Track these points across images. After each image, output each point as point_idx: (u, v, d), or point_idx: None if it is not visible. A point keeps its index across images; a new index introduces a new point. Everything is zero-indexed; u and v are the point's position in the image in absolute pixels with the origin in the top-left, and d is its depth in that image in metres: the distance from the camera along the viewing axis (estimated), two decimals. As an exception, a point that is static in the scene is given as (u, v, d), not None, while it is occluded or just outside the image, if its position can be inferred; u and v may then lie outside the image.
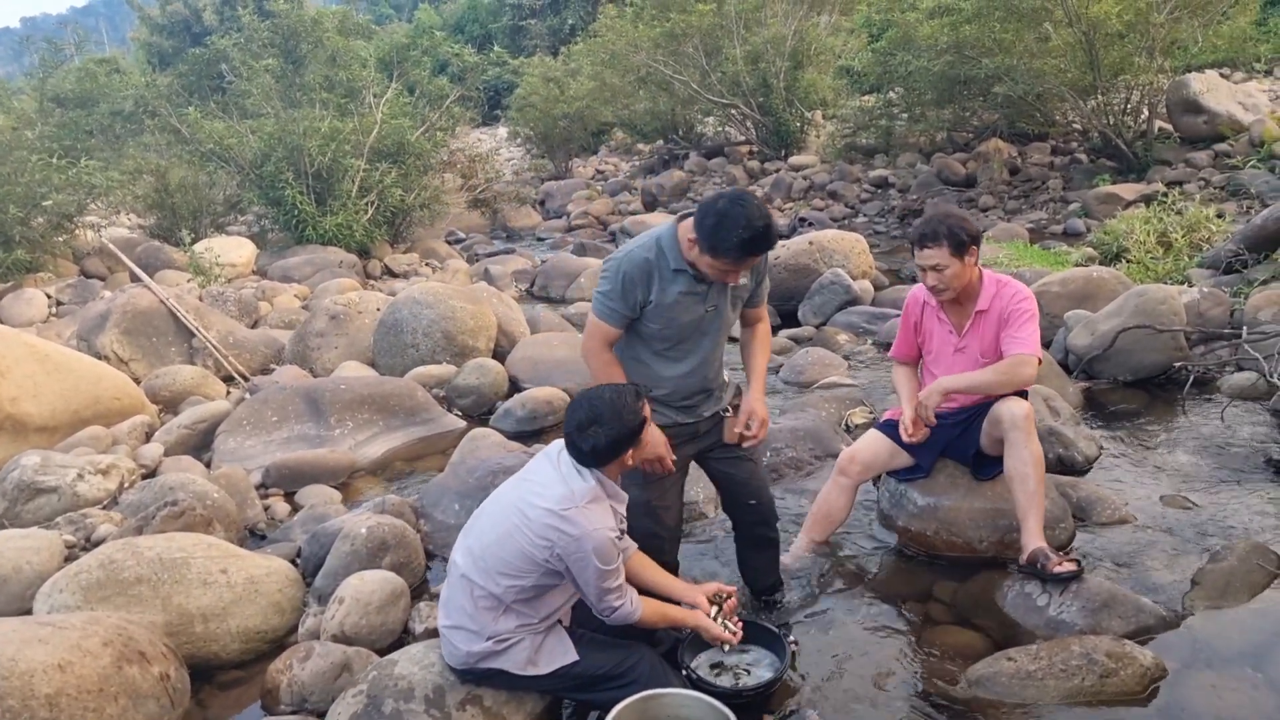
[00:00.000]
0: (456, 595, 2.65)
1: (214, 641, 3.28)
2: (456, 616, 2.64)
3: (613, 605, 2.58)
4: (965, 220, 3.31)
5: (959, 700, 2.80)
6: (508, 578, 2.55)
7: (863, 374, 6.06)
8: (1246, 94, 12.46)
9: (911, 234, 3.43)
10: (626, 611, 2.61)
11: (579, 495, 2.51)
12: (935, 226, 3.27)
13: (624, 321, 2.84)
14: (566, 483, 2.54)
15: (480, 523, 2.71)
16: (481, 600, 2.58)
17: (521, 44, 32.72)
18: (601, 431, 2.49)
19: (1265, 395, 4.82)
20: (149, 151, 13.00)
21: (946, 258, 3.25)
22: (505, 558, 2.55)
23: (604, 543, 2.47)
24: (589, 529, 2.46)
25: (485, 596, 2.58)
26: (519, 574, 2.54)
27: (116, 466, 4.69)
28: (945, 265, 3.26)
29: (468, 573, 2.61)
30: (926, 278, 3.33)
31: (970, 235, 3.27)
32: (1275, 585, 3.16)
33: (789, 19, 16.48)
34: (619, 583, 2.57)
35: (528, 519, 2.53)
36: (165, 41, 26.28)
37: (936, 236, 3.25)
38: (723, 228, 2.60)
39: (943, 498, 3.59)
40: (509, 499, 2.66)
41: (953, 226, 3.25)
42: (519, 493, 2.63)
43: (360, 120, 12.17)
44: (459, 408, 6.00)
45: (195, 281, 9.22)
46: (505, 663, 2.60)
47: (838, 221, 12.76)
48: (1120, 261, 7.63)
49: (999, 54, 11.70)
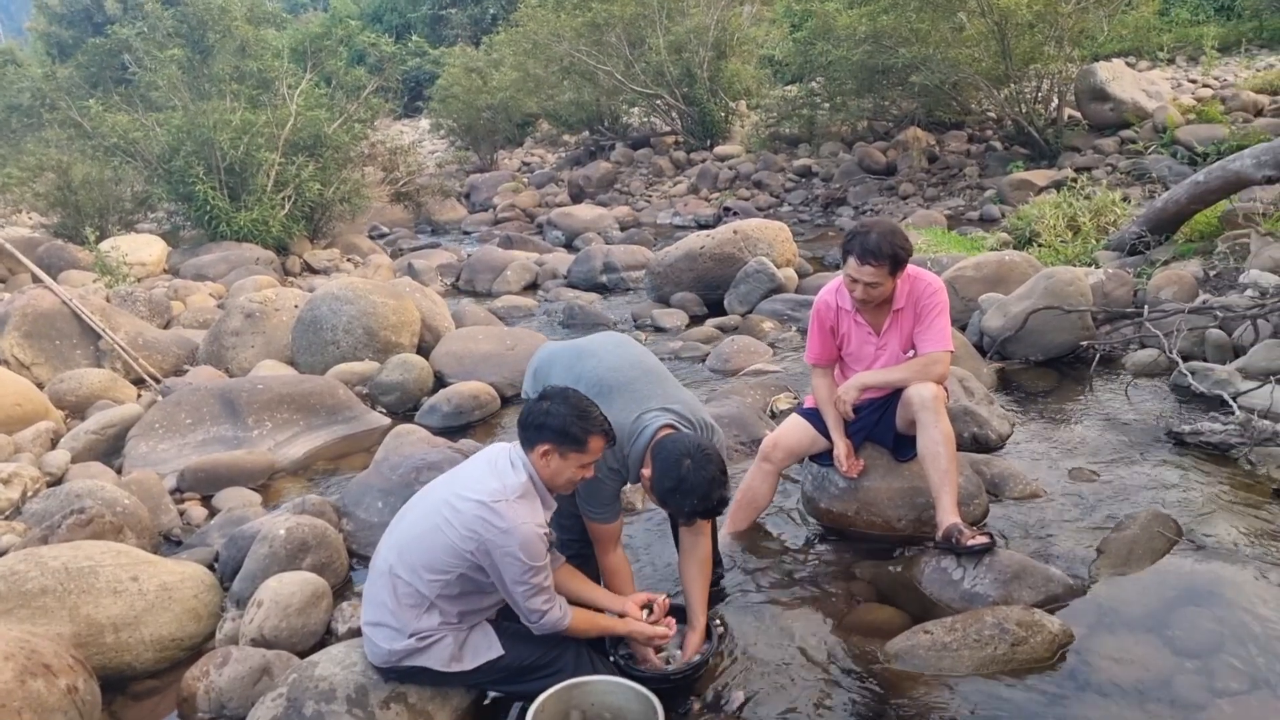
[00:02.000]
0: (379, 592, 2.61)
1: (126, 651, 3.17)
2: (378, 613, 2.60)
3: (540, 609, 2.54)
4: (905, 239, 3.31)
5: (879, 674, 2.87)
6: (432, 573, 2.52)
7: (787, 361, 6.15)
8: (1150, 82, 12.96)
9: (850, 245, 3.29)
10: (555, 618, 2.58)
11: (510, 489, 2.49)
12: (879, 245, 3.21)
13: (620, 512, 2.98)
14: (499, 477, 2.53)
15: (407, 517, 2.68)
16: (405, 597, 2.55)
17: (442, 34, 32.16)
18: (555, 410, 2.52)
19: (1166, 371, 5.04)
20: (49, 147, 12.40)
21: (885, 276, 3.28)
22: (431, 552, 2.52)
23: (531, 537, 2.45)
24: (517, 522, 2.45)
25: (410, 593, 2.54)
26: (444, 569, 2.52)
27: (19, 475, 4.49)
28: (880, 283, 3.29)
29: (394, 567, 2.58)
30: (856, 289, 3.33)
31: (908, 254, 3.30)
32: (1175, 552, 3.31)
33: (711, 9, 16.55)
34: (547, 584, 2.54)
35: (456, 510, 2.50)
36: (64, 31, 25.11)
37: (880, 255, 3.21)
38: (680, 493, 2.65)
39: (863, 479, 3.67)
40: (438, 494, 2.63)
41: (897, 247, 3.23)
42: (449, 487, 2.61)
43: (274, 112, 11.82)
44: (383, 405, 5.90)
45: (102, 281, 8.86)
46: (429, 660, 2.57)
47: (763, 210, 12.89)
48: (1032, 245, 7.88)
49: (915, 44, 11.94)
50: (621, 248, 9.94)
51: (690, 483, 2.62)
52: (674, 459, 2.64)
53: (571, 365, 3.06)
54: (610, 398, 2.85)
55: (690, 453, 2.65)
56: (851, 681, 2.86)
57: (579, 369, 3.02)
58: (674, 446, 2.68)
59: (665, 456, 2.66)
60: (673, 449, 2.67)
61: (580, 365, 3.04)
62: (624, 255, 9.54)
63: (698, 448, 2.68)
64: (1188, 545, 3.35)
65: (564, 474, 2.57)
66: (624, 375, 2.97)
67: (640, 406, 2.85)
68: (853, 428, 3.64)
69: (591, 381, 2.93)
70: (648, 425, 2.79)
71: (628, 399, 2.87)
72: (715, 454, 2.72)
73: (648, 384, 2.96)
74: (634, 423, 2.81)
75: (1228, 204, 6.78)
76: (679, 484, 2.63)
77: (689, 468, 2.62)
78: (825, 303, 3.58)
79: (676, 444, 2.69)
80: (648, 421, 2.80)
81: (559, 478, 2.58)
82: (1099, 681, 2.73)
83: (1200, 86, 14.13)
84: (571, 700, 2.52)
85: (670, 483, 2.64)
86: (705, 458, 2.66)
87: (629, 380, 2.95)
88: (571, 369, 3.03)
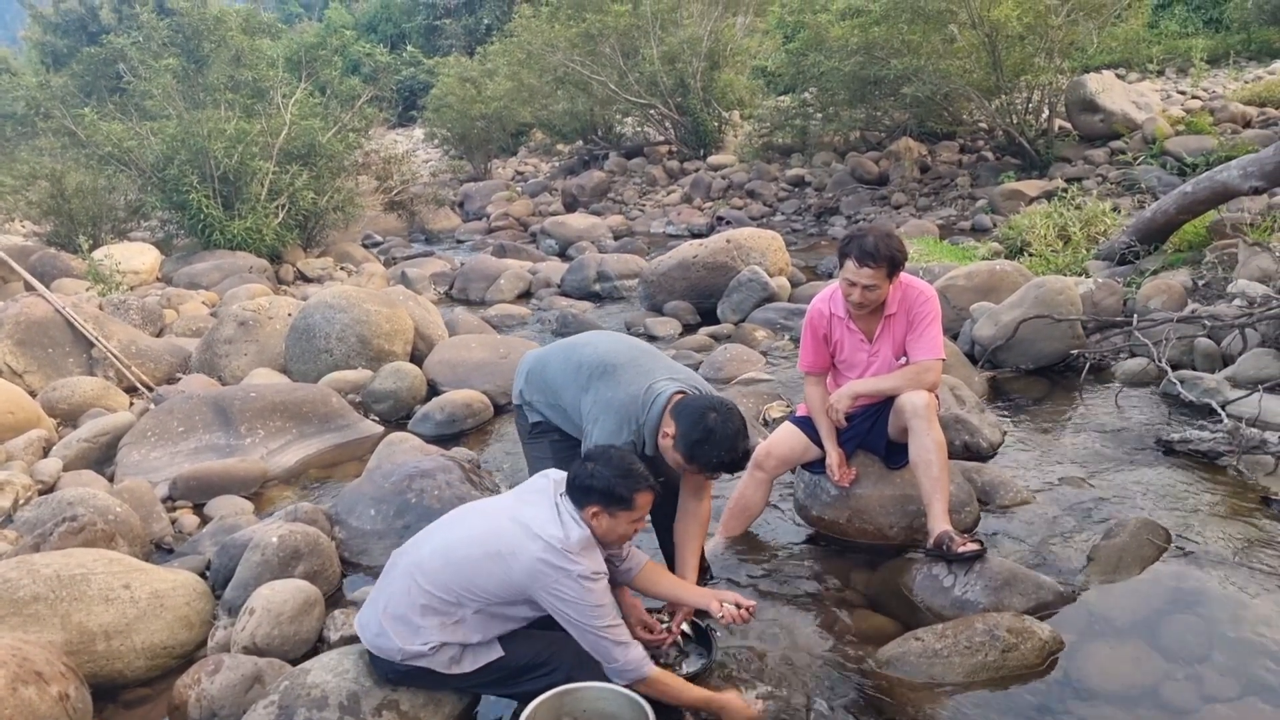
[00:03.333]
0: (400, 589, 2.59)
1: (118, 659, 3.16)
2: (399, 607, 2.58)
3: (614, 656, 2.50)
4: (901, 243, 3.34)
5: (871, 681, 2.88)
6: (472, 594, 2.52)
7: (780, 369, 6.17)
8: (1139, 93, 13.05)
9: (848, 248, 3.30)
10: (634, 659, 2.52)
11: (573, 541, 2.50)
12: (877, 247, 3.23)
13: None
14: (564, 527, 2.53)
15: (457, 531, 2.65)
16: (437, 604, 2.54)
17: (436, 44, 32.26)
18: (599, 473, 2.54)
19: (1155, 380, 5.07)
20: (43, 155, 12.40)
21: (882, 279, 3.30)
22: (479, 576, 2.52)
23: (595, 584, 2.48)
24: (587, 569, 2.47)
25: (442, 603, 2.54)
26: (487, 596, 2.53)
27: (10, 483, 4.49)
28: (878, 286, 3.32)
29: (423, 572, 2.56)
30: (853, 293, 3.35)
31: (905, 257, 3.34)
32: (1165, 559, 3.33)
33: (705, 20, 16.64)
34: (617, 624, 2.55)
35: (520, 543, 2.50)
36: (59, 40, 25.14)
37: (878, 258, 3.23)
38: (709, 443, 2.70)
39: (855, 487, 3.68)
40: (499, 520, 2.60)
41: (894, 250, 3.26)
42: (513, 517, 2.59)
43: (268, 121, 11.85)
44: (376, 413, 5.90)
45: (95, 290, 8.85)
46: (431, 662, 2.58)
47: (756, 220, 12.94)
48: (1023, 255, 7.93)
49: (907, 55, 12.02)
50: (615, 256, 9.97)
51: (719, 434, 2.69)
52: (699, 413, 2.72)
53: (568, 357, 3.07)
54: (615, 374, 2.90)
55: (714, 406, 2.75)
56: (843, 688, 2.87)
57: (577, 357, 3.03)
58: (697, 403, 2.77)
59: (690, 413, 2.74)
60: (697, 405, 2.76)
61: (577, 354, 3.06)
62: (617, 264, 9.56)
63: (720, 402, 2.79)
64: (1177, 552, 3.37)
65: (616, 530, 2.59)
66: (624, 355, 3.00)
67: (649, 378, 2.90)
68: (845, 435, 3.65)
69: (593, 364, 2.95)
70: (661, 392, 2.85)
71: (634, 373, 2.92)
72: (735, 409, 2.80)
73: (650, 360, 3.02)
74: (646, 392, 2.86)
75: (1216, 214, 6.83)
76: (708, 435, 2.69)
77: (715, 420, 2.70)
78: (818, 310, 3.59)
79: (698, 401, 2.78)
80: (661, 389, 2.85)
81: (612, 534, 2.59)
82: (1089, 688, 2.74)
83: (1189, 98, 14.23)
84: (563, 707, 2.53)
85: (699, 434, 2.70)
86: (729, 411, 2.75)
87: (631, 358, 2.99)
88: (569, 359, 3.05)
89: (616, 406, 2.86)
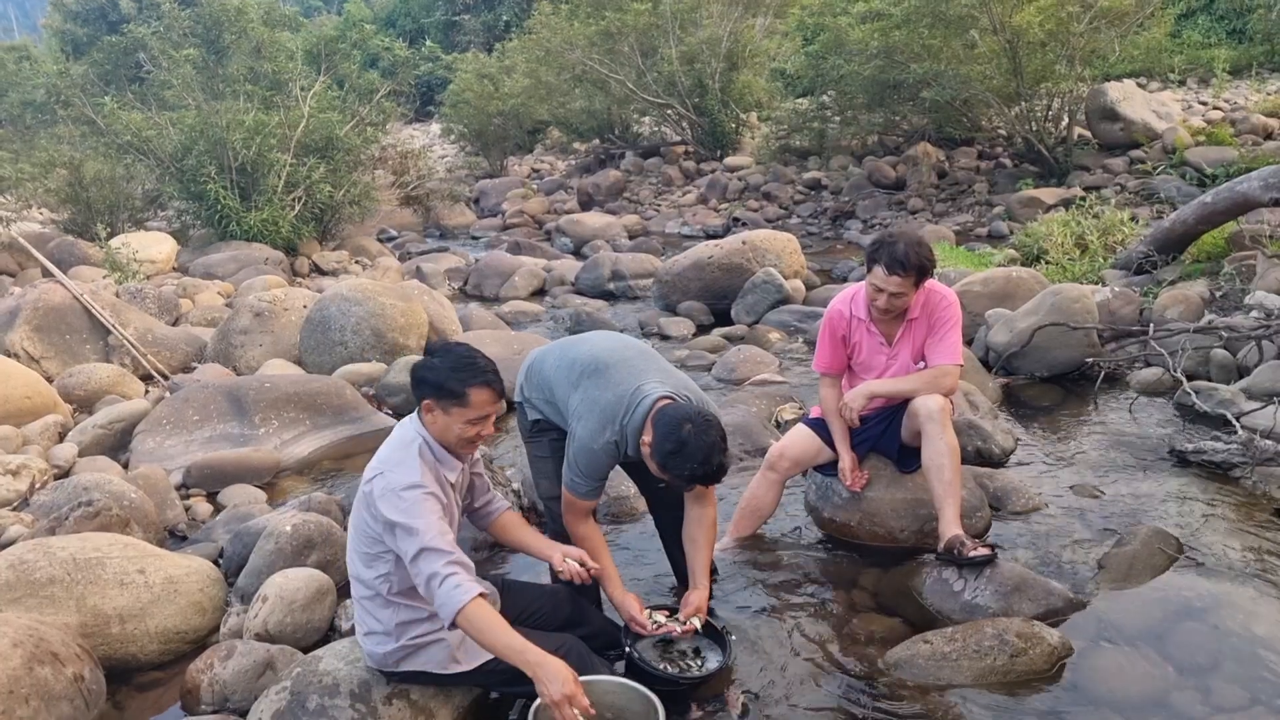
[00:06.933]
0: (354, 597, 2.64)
1: (132, 642, 3.20)
2: (362, 620, 2.62)
3: (425, 571, 2.29)
4: (931, 250, 3.32)
5: (880, 683, 2.88)
6: (367, 560, 2.52)
7: (793, 371, 6.17)
8: (1160, 103, 12.99)
9: (878, 254, 3.26)
10: (450, 588, 2.28)
11: (395, 450, 2.49)
12: (908, 255, 3.20)
13: (601, 493, 2.99)
14: (390, 444, 2.53)
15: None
16: (364, 596, 2.57)
17: (455, 39, 32.33)
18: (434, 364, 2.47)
19: (1170, 390, 5.05)
20: (62, 143, 12.48)
21: (910, 287, 3.28)
22: (357, 538, 2.54)
23: (399, 487, 2.37)
24: (394, 477, 2.41)
25: (366, 590, 2.56)
26: (373, 557, 2.51)
27: (27, 467, 4.53)
28: (905, 293, 3.30)
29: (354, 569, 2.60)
30: (880, 299, 3.33)
31: (933, 265, 3.31)
32: (1175, 568, 3.32)
33: (724, 20, 16.62)
34: (435, 545, 2.33)
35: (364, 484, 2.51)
36: (80, 29, 25.29)
37: (908, 266, 3.20)
38: (681, 455, 2.65)
39: (866, 490, 3.68)
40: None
41: (924, 258, 3.23)
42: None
43: (287, 114, 11.89)
44: (389, 406, 5.92)
45: (112, 278, 8.91)
46: (425, 664, 2.58)
47: (771, 222, 12.94)
48: (1040, 263, 7.90)
49: (927, 60, 11.98)
50: (629, 256, 9.98)
51: (692, 447, 2.63)
52: (675, 423, 2.66)
53: (564, 355, 3.07)
54: (606, 372, 2.88)
55: (691, 418, 2.67)
56: (851, 689, 2.87)
57: (572, 354, 3.04)
58: (675, 412, 2.71)
59: (667, 422, 2.68)
60: (674, 414, 2.70)
61: (573, 350, 3.06)
62: (632, 263, 9.57)
63: (699, 414, 2.71)
64: (1188, 562, 3.36)
65: (452, 431, 2.47)
66: (619, 354, 2.98)
67: (638, 379, 2.86)
68: (858, 437, 3.65)
69: (587, 361, 2.94)
70: (647, 395, 2.81)
71: (625, 372, 2.89)
72: (716, 421, 2.74)
73: (644, 361, 2.98)
74: (633, 393, 2.82)
75: (1235, 225, 6.79)
76: (680, 447, 2.64)
77: (690, 432, 2.64)
78: (838, 311, 3.58)
79: (678, 410, 2.72)
80: (647, 392, 2.82)
81: (448, 435, 2.49)
82: (1097, 694, 2.74)
83: (1210, 109, 14.16)
84: (572, 700, 2.53)
85: (671, 445, 2.65)
86: (706, 423, 2.68)
87: (625, 358, 2.96)
88: (564, 357, 3.05)
89: (602, 406, 2.83)
